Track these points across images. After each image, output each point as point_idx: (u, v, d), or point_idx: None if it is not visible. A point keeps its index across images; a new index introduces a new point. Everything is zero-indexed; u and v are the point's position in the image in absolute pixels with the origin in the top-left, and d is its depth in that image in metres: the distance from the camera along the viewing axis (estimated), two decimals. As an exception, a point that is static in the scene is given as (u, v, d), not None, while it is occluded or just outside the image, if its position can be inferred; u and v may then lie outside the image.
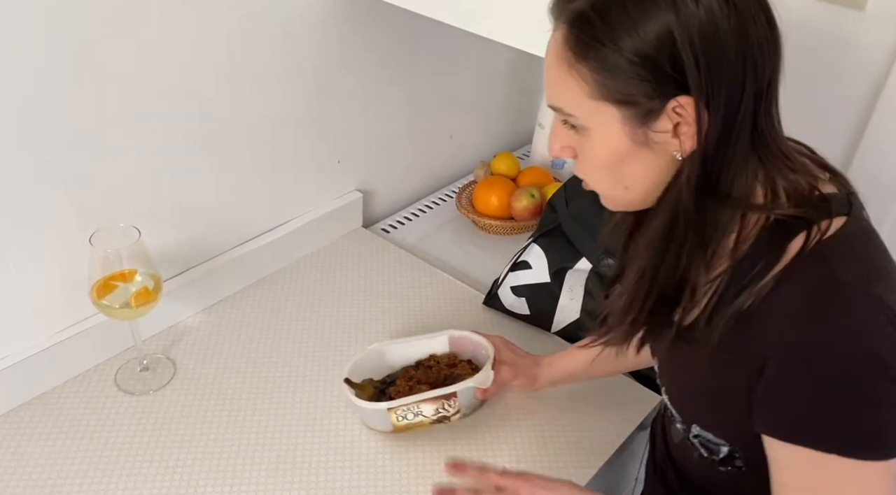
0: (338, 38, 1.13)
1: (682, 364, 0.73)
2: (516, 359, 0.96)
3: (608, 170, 0.64)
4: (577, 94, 0.60)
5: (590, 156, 0.64)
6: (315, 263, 1.25)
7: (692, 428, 0.73)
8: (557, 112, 0.63)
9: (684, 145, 0.59)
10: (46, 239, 0.91)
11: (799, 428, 0.59)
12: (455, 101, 1.45)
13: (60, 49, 0.83)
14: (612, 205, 0.69)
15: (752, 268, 0.61)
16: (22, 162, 0.85)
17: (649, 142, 0.60)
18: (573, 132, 0.64)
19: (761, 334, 0.60)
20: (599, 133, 0.61)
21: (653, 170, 0.62)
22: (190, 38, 0.94)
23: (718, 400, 0.67)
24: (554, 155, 0.67)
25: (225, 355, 1.05)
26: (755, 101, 0.58)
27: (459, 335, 0.98)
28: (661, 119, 0.59)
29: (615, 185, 0.65)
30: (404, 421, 0.90)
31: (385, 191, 1.40)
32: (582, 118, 0.61)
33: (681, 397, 0.76)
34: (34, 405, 0.95)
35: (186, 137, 1.01)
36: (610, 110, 0.59)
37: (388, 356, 0.98)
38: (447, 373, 0.96)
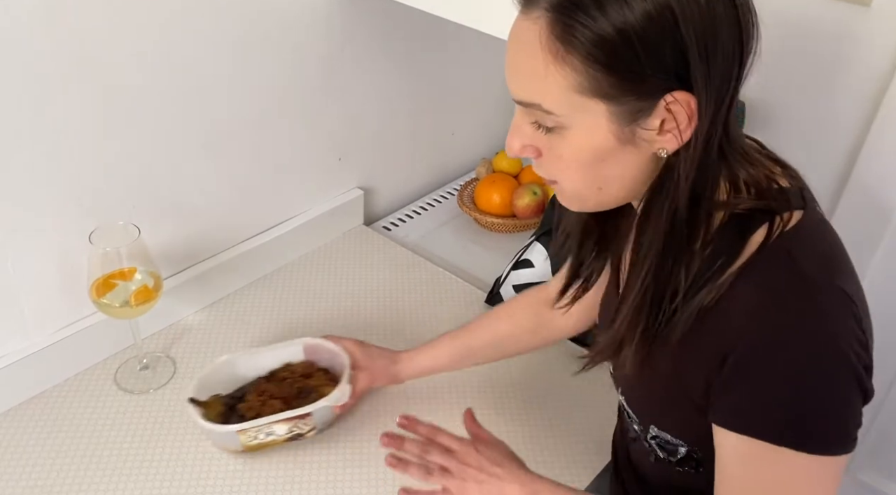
0: (339, 35, 1.12)
1: (641, 364, 0.70)
2: (371, 363, 0.93)
3: (584, 169, 0.59)
4: (562, 88, 0.55)
5: (565, 154, 0.59)
6: (316, 261, 1.24)
7: (650, 429, 0.72)
8: (528, 108, 0.58)
9: (670, 143, 0.57)
10: (46, 237, 0.91)
11: (755, 419, 0.58)
12: (457, 99, 1.44)
13: (59, 47, 0.82)
14: (578, 205, 0.65)
15: (714, 264, 0.59)
16: (21, 160, 0.85)
17: (635, 140, 0.57)
18: (543, 131, 0.59)
19: (724, 328, 0.59)
20: (581, 130, 0.57)
21: (631, 169, 0.59)
22: (190, 35, 0.94)
23: (678, 399, 0.66)
24: (514, 154, 0.62)
25: (225, 353, 1.05)
26: (732, 95, 0.57)
27: (315, 343, 0.95)
28: (653, 116, 0.55)
29: (589, 186, 0.61)
30: (255, 442, 0.87)
31: (386, 188, 1.39)
32: (563, 115, 0.56)
33: (639, 398, 0.74)
34: (34, 403, 0.95)
35: (186, 135, 1.00)
36: (597, 106, 0.55)
37: (239, 368, 0.93)
38: (302, 385, 0.92)
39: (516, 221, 1.35)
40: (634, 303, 0.62)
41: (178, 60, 0.94)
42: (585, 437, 0.96)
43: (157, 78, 0.93)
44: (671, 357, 0.64)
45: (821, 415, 0.56)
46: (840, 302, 0.57)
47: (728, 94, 0.56)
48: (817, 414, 0.56)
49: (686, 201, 0.58)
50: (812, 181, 0.65)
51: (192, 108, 0.99)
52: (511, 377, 1.05)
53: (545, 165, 0.62)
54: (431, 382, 1.01)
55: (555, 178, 0.63)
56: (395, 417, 0.89)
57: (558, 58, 0.54)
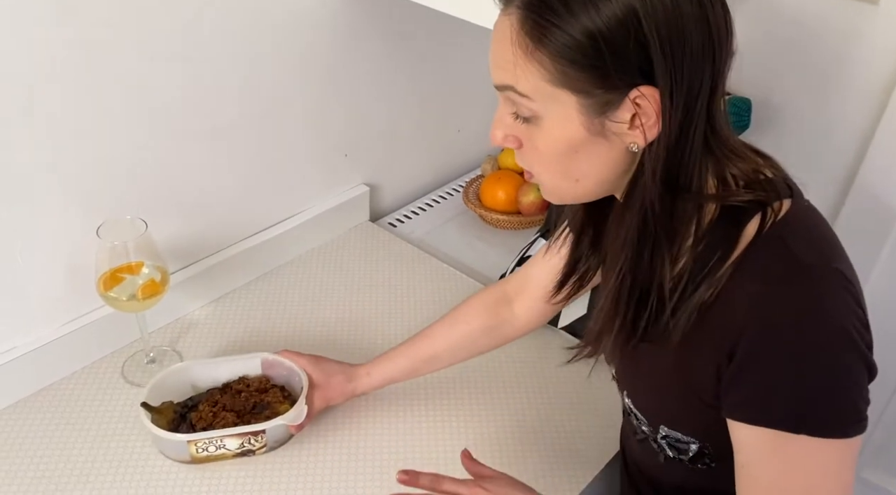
0: (346, 31, 1.12)
1: (644, 364, 0.71)
2: (327, 380, 0.91)
3: (559, 161, 0.61)
4: (536, 79, 0.57)
5: (540, 145, 0.61)
6: (322, 257, 1.25)
7: (660, 430, 0.72)
8: (506, 92, 0.60)
9: (645, 135, 0.57)
10: (54, 231, 0.92)
11: (769, 410, 0.58)
12: (463, 95, 1.44)
13: (67, 41, 0.83)
14: (557, 198, 0.66)
15: (710, 259, 0.60)
16: (30, 154, 0.85)
17: (605, 132, 0.58)
18: (521, 121, 0.61)
19: (727, 323, 0.59)
20: (554, 121, 0.59)
21: (605, 162, 0.60)
22: (197, 31, 0.94)
23: (686, 397, 0.66)
24: (496, 143, 0.64)
25: (231, 348, 1.05)
26: (711, 91, 0.57)
27: (273, 358, 0.94)
28: (621, 109, 0.57)
29: (565, 177, 0.62)
30: (204, 454, 0.87)
31: (392, 185, 1.40)
32: (537, 103, 0.58)
33: (646, 400, 0.74)
34: (42, 396, 0.96)
35: (195, 131, 1.01)
36: (568, 98, 0.57)
37: (193, 376, 0.93)
38: (257, 400, 0.91)
39: (521, 218, 1.36)
40: (611, 294, 0.64)
41: (185, 56, 0.95)
42: (588, 434, 0.97)
43: (166, 73, 0.94)
44: (676, 356, 0.64)
45: (832, 397, 0.57)
46: (838, 283, 0.58)
47: (701, 90, 0.56)
48: (829, 396, 0.56)
49: (658, 195, 0.59)
50: (818, 179, 0.66)
51: (200, 104, 0.99)
52: (501, 371, 1.05)
53: (524, 156, 0.64)
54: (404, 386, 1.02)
55: (532, 169, 0.64)
56: (350, 434, 0.91)
57: (528, 52, 0.57)
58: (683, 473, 0.73)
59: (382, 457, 0.92)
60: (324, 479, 0.88)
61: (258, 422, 0.88)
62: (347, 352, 1.06)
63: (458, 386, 1.02)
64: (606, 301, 0.65)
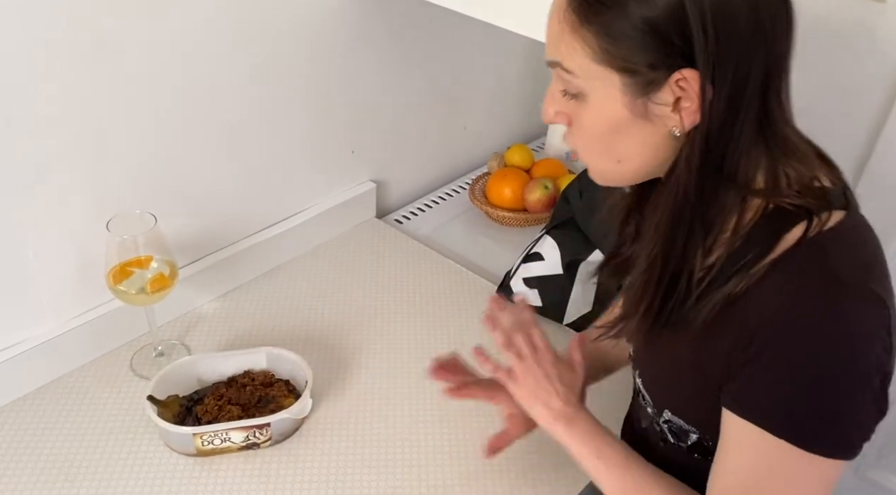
0: (353, 29, 1.13)
1: (662, 348, 0.70)
2: None
3: (602, 140, 0.61)
4: (581, 56, 0.58)
5: (585, 124, 0.61)
6: (329, 253, 1.25)
7: (663, 414, 0.72)
8: (555, 68, 0.61)
9: (684, 121, 0.57)
10: (64, 225, 0.93)
11: (761, 407, 0.58)
12: (469, 93, 1.44)
13: (78, 37, 0.84)
14: (601, 179, 0.66)
15: (746, 255, 0.59)
16: (40, 148, 0.86)
17: (648, 114, 0.58)
18: (569, 98, 0.61)
19: (749, 319, 0.58)
20: (598, 99, 0.59)
21: (648, 144, 0.60)
22: (207, 27, 0.95)
23: (696, 385, 0.66)
24: (548, 120, 0.64)
25: (238, 342, 1.06)
26: (764, 81, 0.56)
27: (278, 352, 0.95)
28: (663, 91, 0.56)
29: (608, 158, 0.63)
30: (210, 446, 0.87)
31: (399, 181, 1.40)
32: (582, 80, 0.59)
33: (656, 381, 0.74)
34: (51, 389, 0.97)
35: (203, 127, 1.01)
36: (612, 77, 0.57)
37: (199, 369, 0.94)
38: (262, 394, 0.92)
39: (527, 215, 1.36)
40: (641, 278, 0.64)
41: (194, 52, 0.95)
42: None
43: (175, 69, 0.94)
44: (694, 343, 0.64)
45: (826, 418, 0.56)
46: (870, 307, 0.56)
47: (750, 78, 0.55)
48: (823, 416, 0.56)
49: (694, 183, 0.58)
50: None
51: (208, 100, 1.00)
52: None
53: (572, 135, 0.64)
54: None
55: (577, 148, 0.65)
56: (356, 427, 0.93)
57: (574, 29, 0.57)
58: (682, 460, 0.73)
59: (387, 451, 0.92)
60: (329, 472, 0.89)
61: (263, 416, 0.89)
62: (353, 348, 1.07)
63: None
64: (636, 284, 0.65)
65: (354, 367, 1.04)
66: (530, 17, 0.86)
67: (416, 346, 1.08)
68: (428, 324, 1.12)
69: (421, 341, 1.09)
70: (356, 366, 1.04)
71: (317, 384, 0.98)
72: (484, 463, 0.90)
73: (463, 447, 0.94)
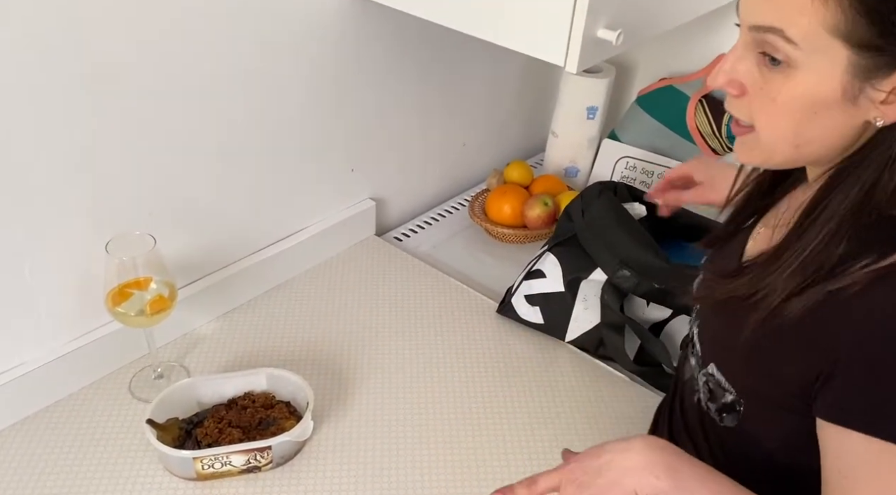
0: (352, 47, 1.13)
1: (734, 313, 0.67)
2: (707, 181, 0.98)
3: (794, 118, 0.56)
4: (814, 22, 0.52)
5: (781, 97, 0.56)
6: (328, 271, 1.25)
7: (708, 367, 0.70)
8: (765, 35, 0.55)
9: (891, 114, 0.54)
10: (63, 246, 0.92)
11: (882, 418, 0.55)
12: (468, 110, 1.45)
13: (78, 59, 0.84)
14: (762, 160, 0.62)
15: (860, 257, 0.57)
16: (39, 169, 0.86)
17: (859, 99, 0.54)
18: (761, 65, 0.56)
19: (847, 328, 0.56)
20: (811, 74, 0.54)
21: (840, 131, 0.56)
22: (206, 47, 0.95)
23: (758, 358, 0.64)
24: (718, 85, 0.59)
25: (239, 363, 1.05)
26: None
27: (278, 373, 0.94)
28: (891, 78, 0.53)
29: (790, 139, 0.58)
30: (210, 470, 0.86)
31: (398, 199, 1.40)
32: (802, 51, 0.53)
33: (713, 337, 0.72)
34: (49, 412, 0.96)
35: (202, 146, 1.01)
36: (841, 52, 0.52)
37: (199, 392, 0.93)
38: (262, 416, 0.91)
39: (527, 232, 1.36)
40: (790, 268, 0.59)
41: (193, 71, 0.95)
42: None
43: (173, 89, 0.94)
44: (776, 327, 0.61)
45: None
46: None
47: None
48: None
49: (887, 177, 0.55)
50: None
51: (207, 119, 1.00)
52: (509, 384, 1.05)
53: (749, 105, 0.59)
54: (419, 412, 1.01)
55: (754, 122, 0.60)
56: (357, 450, 0.91)
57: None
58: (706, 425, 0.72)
59: (391, 472, 0.91)
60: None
61: (264, 438, 0.88)
62: (355, 368, 1.06)
63: (466, 399, 1.02)
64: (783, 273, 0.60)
65: (356, 388, 1.03)
66: (528, 36, 0.86)
67: (419, 365, 1.07)
68: (429, 342, 1.11)
69: (423, 360, 1.08)
70: (358, 386, 1.03)
71: (318, 405, 0.97)
72: (492, 485, 0.89)
73: (469, 468, 0.93)
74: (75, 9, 0.81)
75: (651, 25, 0.94)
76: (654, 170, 1.42)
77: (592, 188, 1.17)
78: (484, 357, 1.10)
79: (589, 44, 0.83)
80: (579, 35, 0.81)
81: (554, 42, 0.84)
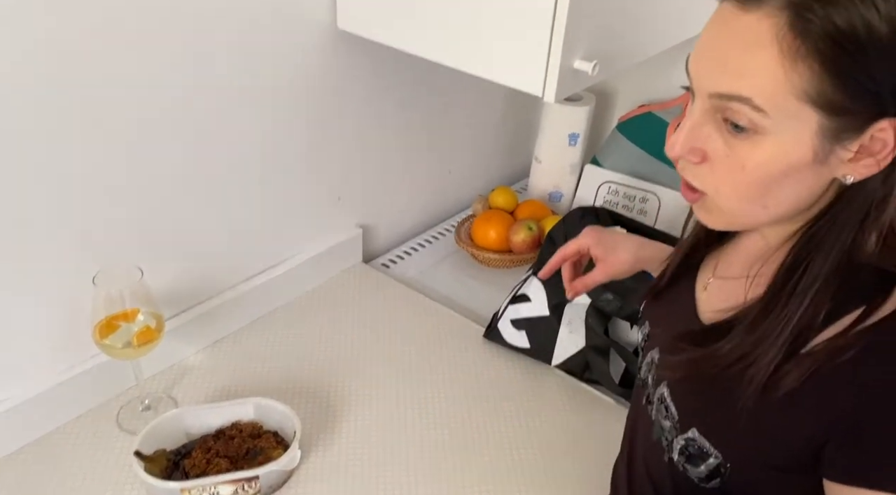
0: (337, 78, 1.15)
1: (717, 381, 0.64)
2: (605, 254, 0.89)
3: (763, 184, 0.55)
4: (783, 89, 0.51)
5: (750, 164, 0.54)
6: (316, 299, 1.25)
7: (689, 432, 0.67)
8: (730, 103, 0.53)
9: (860, 170, 0.53)
10: (50, 279, 0.92)
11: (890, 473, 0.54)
12: (453, 137, 1.47)
13: (61, 86, 0.85)
14: (724, 223, 0.60)
15: (840, 314, 0.56)
16: (25, 202, 0.87)
17: (827, 160, 0.53)
18: (723, 131, 0.55)
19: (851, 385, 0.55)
20: (781, 140, 0.52)
21: (808, 191, 0.55)
22: (191, 79, 0.96)
23: (755, 427, 0.62)
24: (674, 155, 0.57)
25: (226, 393, 1.05)
26: None
27: (266, 403, 0.95)
28: (860, 138, 0.52)
29: (755, 203, 0.56)
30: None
31: (385, 226, 1.41)
32: (771, 119, 0.52)
33: (692, 399, 0.68)
34: (37, 445, 0.95)
35: (188, 177, 1.02)
36: (810, 116, 0.51)
37: (187, 422, 0.93)
38: (250, 446, 0.92)
39: (513, 256, 1.37)
40: (783, 334, 0.57)
41: (179, 104, 0.97)
42: (584, 473, 0.97)
43: (160, 122, 0.95)
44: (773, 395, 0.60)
45: None
46: None
47: None
48: None
49: (857, 236, 0.55)
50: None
51: (193, 150, 1.01)
52: (498, 410, 1.05)
53: (712, 173, 0.57)
54: (401, 440, 1.02)
55: (715, 190, 0.58)
56: (345, 479, 0.91)
57: (797, 56, 0.50)
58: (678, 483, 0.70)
59: (379, 501, 0.91)
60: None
61: (252, 468, 0.88)
62: (343, 395, 1.06)
63: (454, 424, 1.02)
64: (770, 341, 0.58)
65: (344, 415, 1.03)
66: (509, 68, 0.88)
67: (406, 391, 1.08)
68: (416, 368, 1.12)
69: (410, 386, 1.09)
70: (346, 413, 1.03)
71: (306, 434, 0.97)
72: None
73: (457, 492, 0.93)
74: (62, 42, 0.82)
75: (626, 56, 0.96)
76: (635, 194, 1.45)
77: (574, 213, 1.19)
78: (471, 382, 1.10)
79: (566, 74, 0.85)
80: (556, 66, 0.84)
81: (532, 73, 0.86)
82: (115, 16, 0.85)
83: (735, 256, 0.70)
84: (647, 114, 1.46)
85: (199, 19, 0.93)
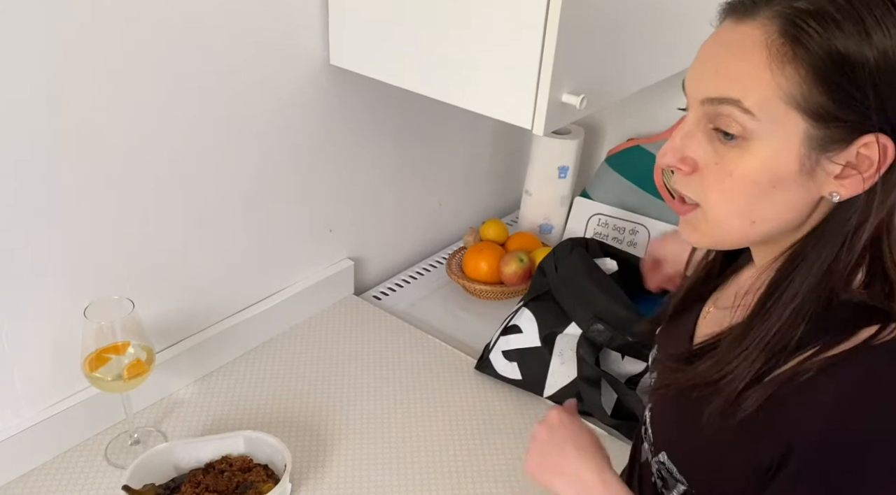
0: (328, 111, 1.17)
1: (687, 403, 0.65)
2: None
3: (750, 193, 0.55)
4: (771, 92, 0.52)
5: (738, 171, 0.55)
6: (307, 332, 1.25)
7: (659, 455, 0.70)
8: (720, 107, 0.54)
9: (846, 188, 0.54)
10: (40, 312, 0.92)
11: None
12: (443, 170, 1.48)
13: (53, 119, 0.85)
14: (712, 241, 0.61)
15: (808, 343, 0.56)
16: (16, 234, 0.87)
17: (815, 172, 0.54)
18: (713, 140, 0.56)
19: (799, 416, 0.55)
20: (769, 145, 0.53)
21: (795, 207, 0.56)
22: (183, 112, 0.98)
23: (711, 450, 0.63)
24: (665, 164, 0.58)
25: (216, 426, 1.05)
26: None
27: (256, 436, 0.94)
28: (846, 151, 0.52)
29: (743, 216, 0.57)
30: None
31: (376, 258, 1.42)
32: (759, 122, 0.53)
33: (665, 424, 0.71)
34: (25, 480, 0.94)
35: (179, 209, 1.03)
36: (797, 124, 0.52)
37: (176, 456, 0.92)
38: (240, 480, 0.91)
39: (504, 288, 1.38)
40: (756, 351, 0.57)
41: (170, 136, 0.98)
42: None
43: (150, 154, 0.96)
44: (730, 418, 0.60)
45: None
46: None
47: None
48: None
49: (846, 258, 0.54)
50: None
51: (184, 183, 1.02)
52: (489, 440, 1.05)
53: (701, 182, 0.58)
54: (388, 461, 1.01)
55: (704, 199, 0.58)
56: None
57: (785, 59, 0.51)
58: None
59: (370, 535, 0.90)
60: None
61: None
62: (334, 429, 1.06)
63: (446, 457, 1.02)
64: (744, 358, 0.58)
65: (335, 449, 1.02)
66: (499, 101, 0.90)
67: (397, 424, 1.07)
68: (408, 400, 1.12)
69: (402, 419, 1.08)
70: (336, 447, 1.03)
71: (296, 467, 0.97)
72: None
73: (447, 528, 0.92)
74: (55, 75, 0.83)
75: (614, 90, 0.98)
76: (625, 226, 1.46)
77: (564, 244, 1.20)
78: (463, 414, 1.10)
79: (554, 108, 0.87)
80: (545, 100, 0.86)
81: (521, 107, 0.88)
82: (108, 50, 0.86)
83: (733, 287, 0.72)
84: (635, 147, 1.49)
85: (194, 52, 0.95)
